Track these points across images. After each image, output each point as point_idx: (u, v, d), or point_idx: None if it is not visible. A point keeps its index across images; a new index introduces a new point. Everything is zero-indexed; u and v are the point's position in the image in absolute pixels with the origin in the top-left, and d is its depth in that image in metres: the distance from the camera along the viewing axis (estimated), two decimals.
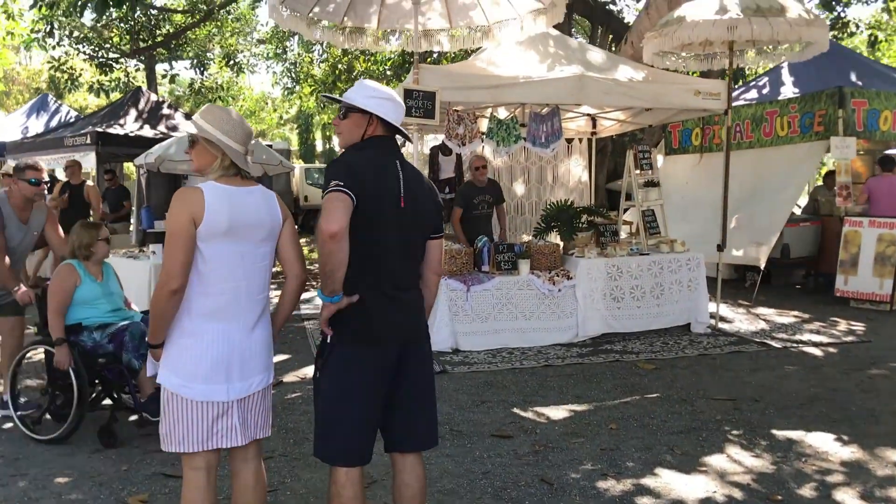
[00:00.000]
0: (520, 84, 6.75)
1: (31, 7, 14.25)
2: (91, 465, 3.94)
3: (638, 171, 7.61)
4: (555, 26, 7.59)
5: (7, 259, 4.55)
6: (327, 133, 41.55)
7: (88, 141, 10.69)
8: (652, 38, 7.41)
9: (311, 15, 7.21)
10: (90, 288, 4.34)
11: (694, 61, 8.33)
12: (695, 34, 6.88)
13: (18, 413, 4.49)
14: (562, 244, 7.08)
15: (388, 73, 16.63)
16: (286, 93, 21.27)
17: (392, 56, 16.09)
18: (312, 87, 19.13)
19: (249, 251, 2.61)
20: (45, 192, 4.73)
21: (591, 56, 7.74)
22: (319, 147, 42.81)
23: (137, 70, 17.84)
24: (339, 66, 17.77)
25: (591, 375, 5.67)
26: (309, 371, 5.91)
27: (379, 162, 2.61)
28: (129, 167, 17.32)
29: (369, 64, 18.07)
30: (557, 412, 4.80)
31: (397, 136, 2.74)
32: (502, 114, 8.08)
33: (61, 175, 11.40)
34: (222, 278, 2.55)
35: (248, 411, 2.64)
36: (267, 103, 33.97)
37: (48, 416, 4.46)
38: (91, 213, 9.19)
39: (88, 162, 11.54)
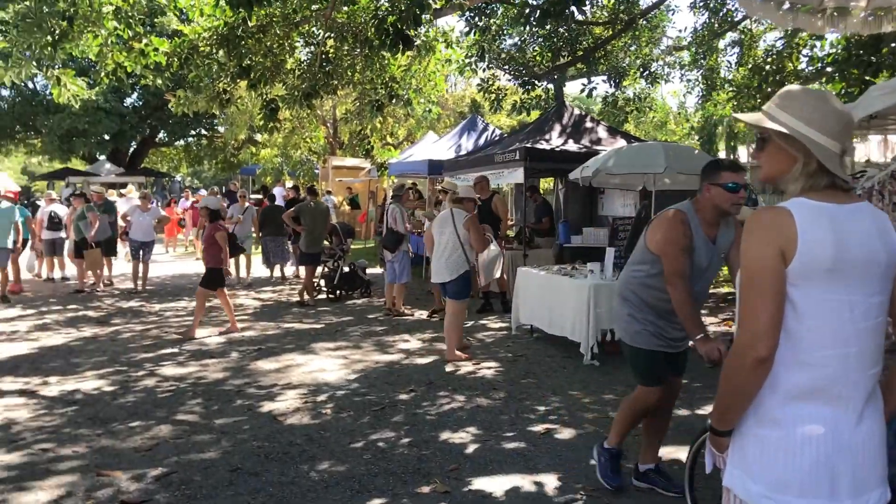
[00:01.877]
0: None
1: (466, 34, 15.45)
2: None
3: None
4: None
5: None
6: (731, 143, 38.94)
7: (517, 157, 10.92)
8: None
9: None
10: None
11: None
12: None
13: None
14: None
15: (830, 70, 14.30)
16: (702, 101, 20.04)
17: (835, 50, 13.87)
18: (730, 94, 17.59)
19: (859, 301, 1.73)
20: (743, 202, 3.54)
21: None
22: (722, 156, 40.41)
23: (553, 88, 18.30)
24: (767, 66, 15.95)
25: None
26: None
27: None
28: (541, 182, 17.89)
29: (799, 63, 15.93)
30: None
31: None
32: None
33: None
34: (824, 341, 1.72)
35: None
36: (679, 113, 32.93)
37: None
38: (500, 224, 9.41)
39: (516, 176, 11.89)
